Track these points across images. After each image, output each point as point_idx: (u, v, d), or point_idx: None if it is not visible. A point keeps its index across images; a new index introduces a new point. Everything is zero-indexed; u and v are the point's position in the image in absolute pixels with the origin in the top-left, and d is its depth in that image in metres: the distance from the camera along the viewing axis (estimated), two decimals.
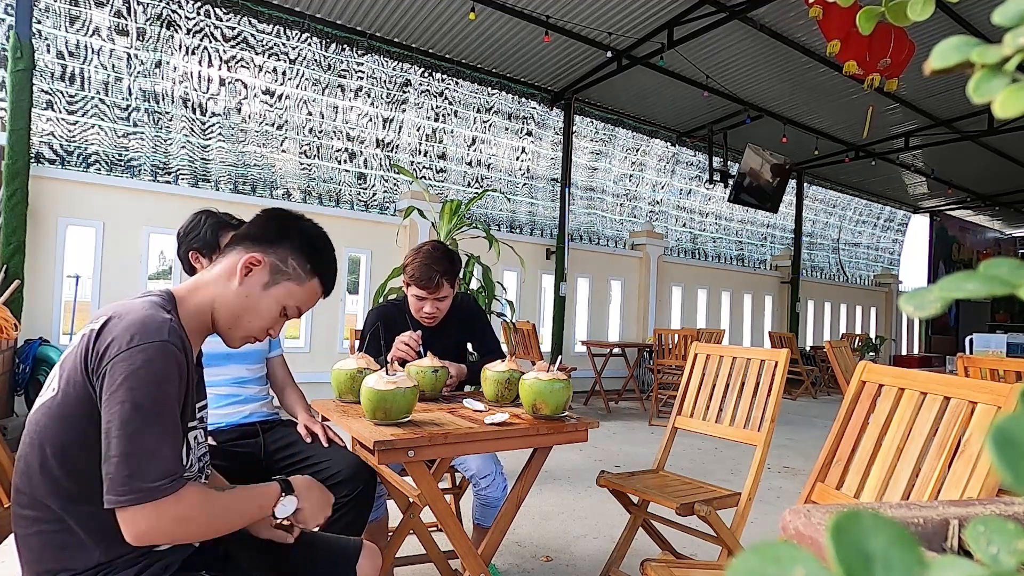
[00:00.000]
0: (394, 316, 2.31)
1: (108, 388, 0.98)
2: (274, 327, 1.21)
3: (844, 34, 4.68)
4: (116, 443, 0.96)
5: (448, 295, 2.21)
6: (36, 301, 4.81)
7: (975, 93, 0.31)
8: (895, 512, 0.52)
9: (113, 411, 0.96)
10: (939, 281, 0.29)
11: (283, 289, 1.18)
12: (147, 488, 0.95)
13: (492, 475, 2.17)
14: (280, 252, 1.18)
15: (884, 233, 13.68)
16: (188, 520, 0.99)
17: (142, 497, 0.95)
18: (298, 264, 1.19)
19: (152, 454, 0.97)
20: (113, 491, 0.95)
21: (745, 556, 0.24)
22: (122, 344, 0.99)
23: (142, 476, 0.95)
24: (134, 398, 0.97)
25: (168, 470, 0.98)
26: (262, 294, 1.16)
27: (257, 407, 2.04)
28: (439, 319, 2.24)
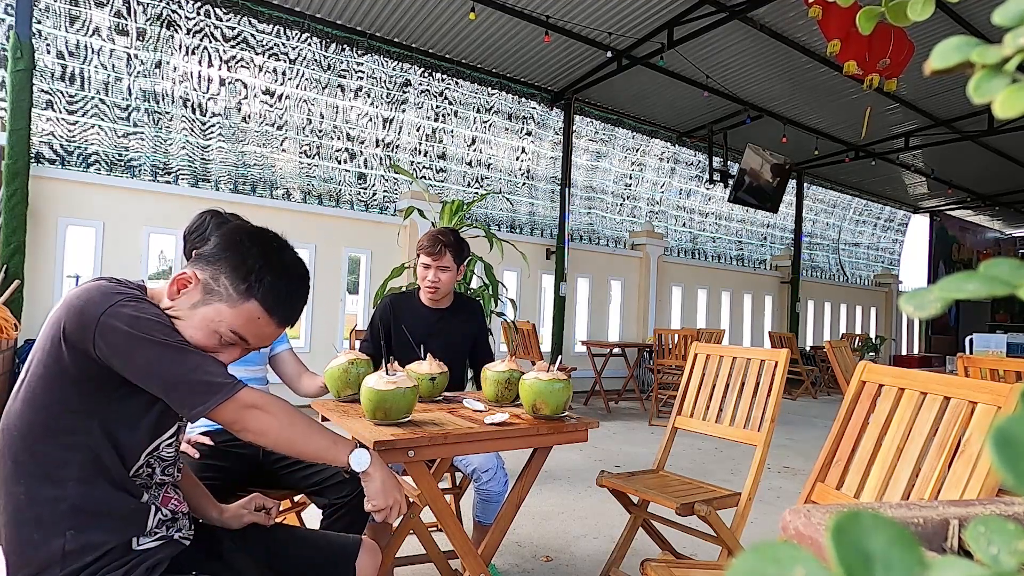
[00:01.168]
0: (405, 303, 2.47)
1: (112, 347, 0.99)
2: (218, 352, 1.09)
3: (844, 34, 4.68)
4: (167, 372, 1.00)
5: (450, 267, 2.35)
6: (36, 301, 4.81)
7: (975, 93, 0.31)
8: (895, 512, 0.52)
9: (138, 357, 1.00)
10: (939, 281, 0.29)
11: (212, 311, 1.07)
12: (221, 386, 1.03)
13: (493, 469, 2.18)
14: (214, 270, 1.08)
15: (884, 233, 13.69)
16: (275, 413, 1.07)
17: (229, 391, 1.03)
18: (232, 285, 1.07)
19: (203, 359, 1.04)
20: (199, 401, 1.01)
21: (745, 556, 0.24)
22: (98, 311, 0.99)
23: (213, 375, 1.03)
24: (148, 338, 1.00)
25: (223, 368, 1.06)
26: (191, 313, 1.08)
27: None
28: (442, 291, 2.37)
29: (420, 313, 2.44)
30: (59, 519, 1.01)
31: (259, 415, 1.06)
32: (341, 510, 1.77)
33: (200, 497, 1.35)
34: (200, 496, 1.35)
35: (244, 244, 1.10)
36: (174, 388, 1.01)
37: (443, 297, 2.44)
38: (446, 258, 2.34)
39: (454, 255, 2.36)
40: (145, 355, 1.00)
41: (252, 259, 1.09)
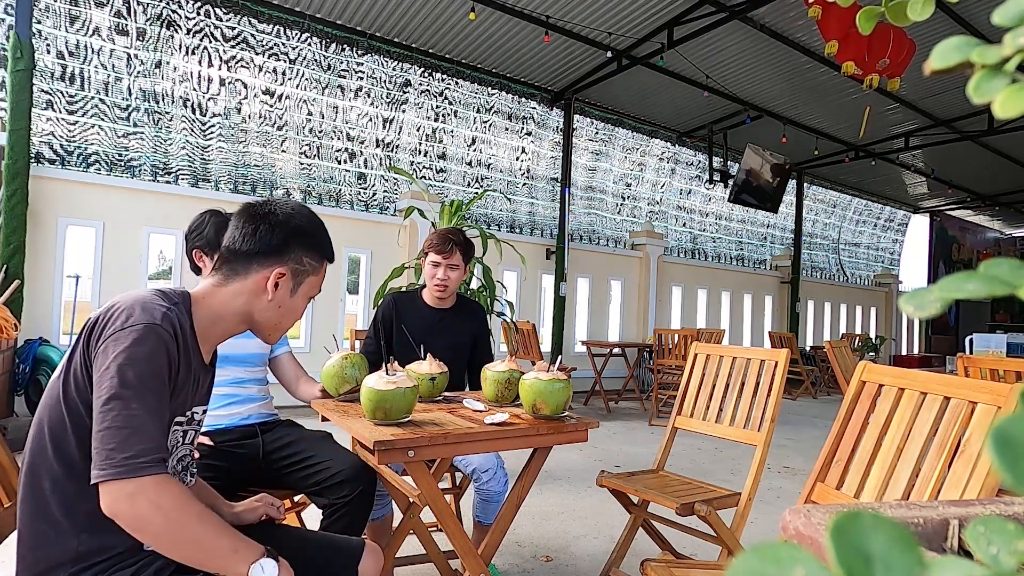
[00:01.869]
0: (407, 302, 2.47)
1: (100, 366, 1.01)
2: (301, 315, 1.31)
3: (843, 34, 4.68)
4: (103, 417, 0.97)
5: (459, 266, 2.36)
6: (36, 301, 4.81)
7: (975, 93, 0.31)
8: (895, 512, 0.52)
9: (103, 387, 0.99)
10: (939, 281, 0.29)
11: (307, 286, 1.26)
12: (129, 460, 0.95)
13: (493, 469, 2.18)
14: (294, 256, 1.22)
15: (884, 233, 13.69)
16: (163, 511, 0.96)
17: (124, 472, 0.94)
18: (311, 259, 1.25)
19: (137, 429, 0.97)
20: (98, 465, 0.96)
21: (745, 556, 0.24)
22: (116, 325, 1.03)
23: (125, 449, 0.95)
24: (122, 375, 0.99)
25: (151, 447, 0.97)
26: (294, 299, 1.24)
27: (256, 408, 2.04)
28: (450, 290, 2.38)
29: (422, 313, 2.44)
30: (76, 519, 1.02)
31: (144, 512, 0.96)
32: (341, 510, 1.77)
33: (210, 497, 1.37)
34: (210, 496, 1.37)
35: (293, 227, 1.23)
36: (96, 436, 0.97)
37: (448, 297, 2.45)
38: (456, 256, 2.35)
39: (463, 254, 2.37)
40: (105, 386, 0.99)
41: (309, 233, 1.25)
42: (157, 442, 0.99)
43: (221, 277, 1.20)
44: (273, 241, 1.20)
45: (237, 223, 1.22)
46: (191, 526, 0.98)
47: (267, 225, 1.20)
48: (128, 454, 0.95)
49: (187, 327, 1.12)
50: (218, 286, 1.19)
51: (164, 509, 0.96)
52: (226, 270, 1.20)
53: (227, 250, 1.21)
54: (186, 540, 0.99)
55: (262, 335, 1.26)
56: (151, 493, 0.96)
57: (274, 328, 1.25)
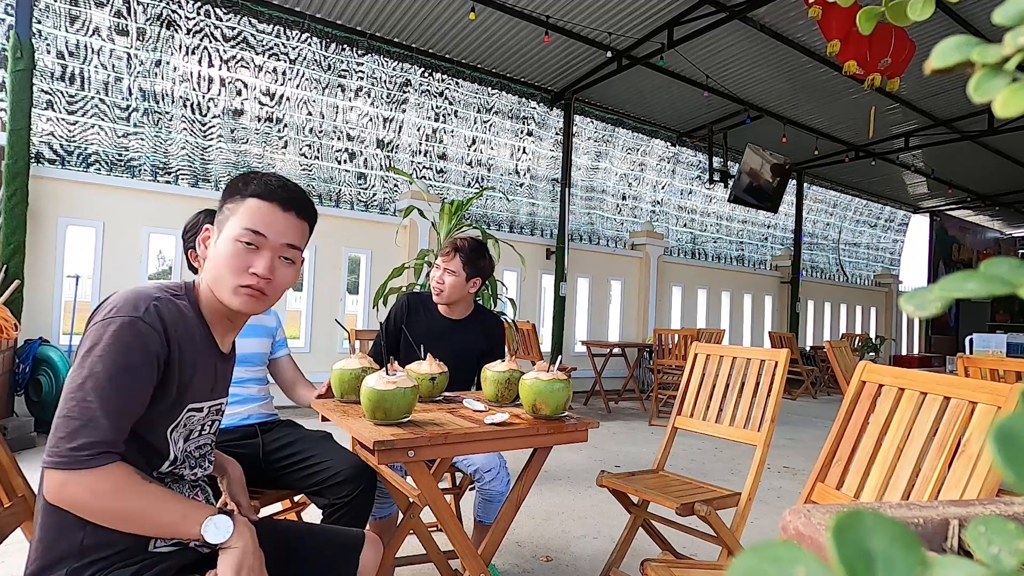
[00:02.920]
0: (420, 305, 2.46)
1: (76, 354, 1.02)
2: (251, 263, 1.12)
3: (844, 34, 4.68)
4: (63, 404, 0.98)
5: (456, 272, 2.33)
6: (36, 301, 4.81)
7: (975, 93, 0.31)
8: (895, 512, 0.52)
9: (72, 374, 1.00)
10: (939, 281, 0.29)
11: (229, 227, 1.14)
12: (69, 453, 0.95)
13: (496, 468, 2.18)
14: (220, 211, 1.19)
15: (884, 233, 13.69)
16: (96, 494, 0.97)
17: (65, 463, 0.95)
18: (231, 202, 1.16)
19: (89, 422, 0.97)
20: (47, 451, 0.97)
21: (745, 556, 0.24)
22: (99, 316, 1.03)
23: (69, 440, 0.96)
24: (92, 365, 0.99)
25: (97, 440, 0.97)
26: (217, 246, 1.15)
27: (256, 408, 2.05)
28: (445, 295, 2.35)
29: (432, 318, 2.41)
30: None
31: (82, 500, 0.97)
32: (341, 510, 1.77)
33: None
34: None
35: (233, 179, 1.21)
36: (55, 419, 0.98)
37: (452, 305, 2.39)
38: (454, 261, 2.32)
39: (464, 261, 2.32)
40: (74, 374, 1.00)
41: (237, 179, 1.19)
42: (108, 434, 0.98)
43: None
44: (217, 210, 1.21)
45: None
46: (131, 501, 0.99)
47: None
48: (73, 445, 0.95)
49: (191, 317, 1.13)
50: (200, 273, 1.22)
51: (99, 494, 0.97)
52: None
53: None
54: (130, 514, 1.00)
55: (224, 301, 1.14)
56: (88, 482, 0.96)
57: (217, 286, 1.13)
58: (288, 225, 1.17)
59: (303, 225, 1.20)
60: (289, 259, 1.17)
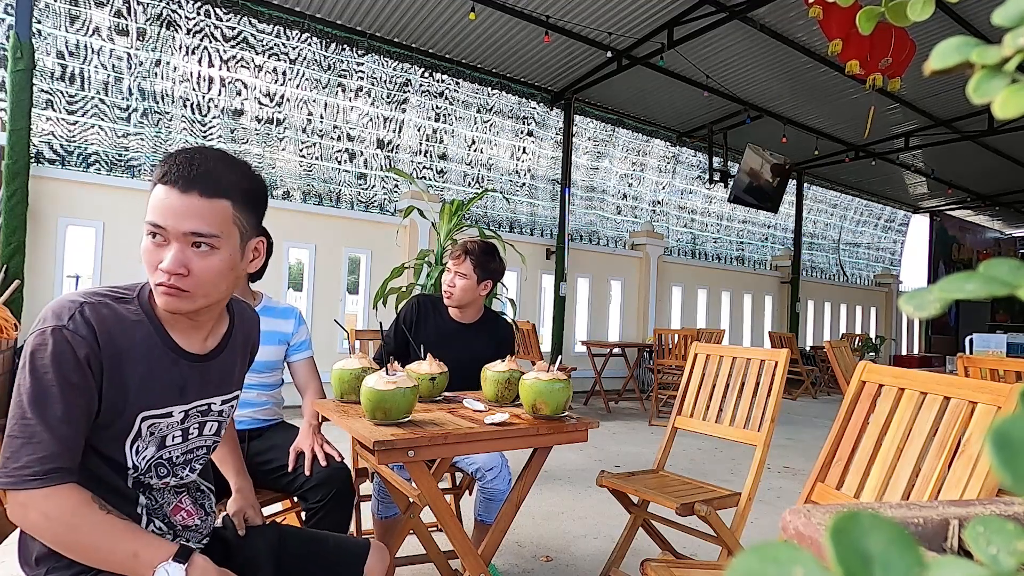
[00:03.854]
0: (430, 308, 2.44)
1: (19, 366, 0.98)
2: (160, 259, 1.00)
3: (845, 34, 4.68)
4: (6, 424, 0.96)
5: (468, 275, 2.31)
6: (36, 301, 4.81)
7: (975, 93, 0.31)
8: (895, 512, 0.52)
9: (12, 391, 0.97)
10: (939, 281, 0.29)
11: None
12: (17, 471, 0.93)
13: (498, 467, 2.18)
14: None
15: (885, 233, 13.69)
16: (53, 521, 0.94)
17: (12, 483, 0.93)
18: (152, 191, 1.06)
19: (29, 439, 0.94)
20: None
21: (745, 556, 0.24)
22: (35, 327, 0.99)
23: (17, 459, 0.93)
24: (23, 382, 0.96)
25: (43, 455, 0.93)
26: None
27: (251, 413, 2.03)
28: (456, 298, 2.34)
29: (442, 322, 2.39)
30: None
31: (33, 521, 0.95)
32: (319, 513, 1.78)
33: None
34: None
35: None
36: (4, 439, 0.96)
37: (463, 308, 2.37)
38: (465, 264, 2.31)
39: (474, 264, 2.31)
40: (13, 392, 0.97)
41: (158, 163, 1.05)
42: (52, 451, 0.94)
43: None
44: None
45: None
46: (83, 534, 0.96)
47: None
48: (18, 464, 0.93)
49: (135, 319, 1.05)
50: None
51: (52, 519, 0.94)
52: None
53: None
54: (81, 547, 0.97)
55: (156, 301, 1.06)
56: (40, 504, 0.93)
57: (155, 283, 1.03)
58: (188, 209, 1.00)
59: (213, 204, 1.01)
60: (207, 246, 1.01)
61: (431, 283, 4.25)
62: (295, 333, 2.13)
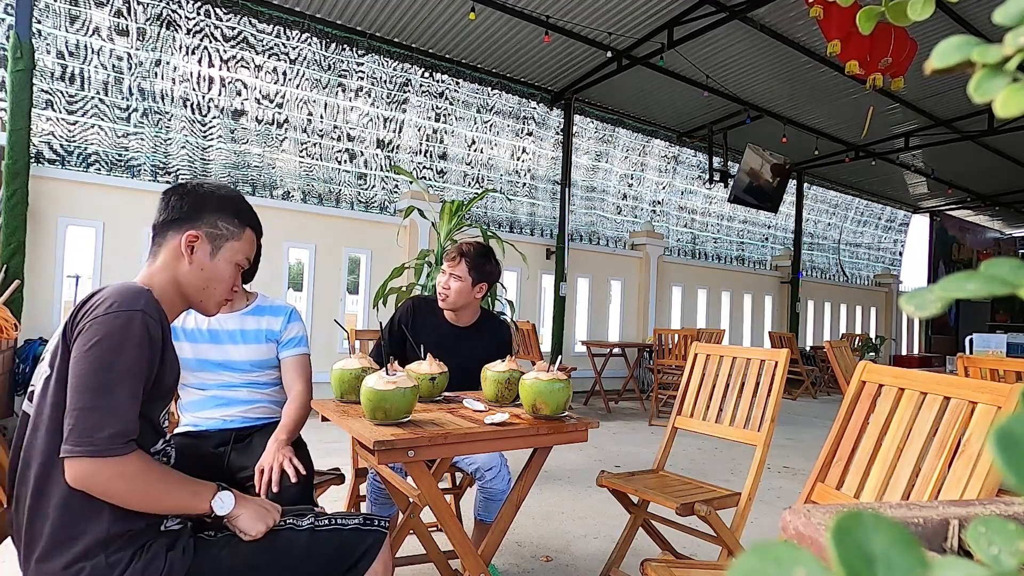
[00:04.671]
0: (426, 311, 2.42)
1: (80, 346, 1.06)
2: (235, 284, 1.34)
3: (845, 34, 4.68)
4: (80, 397, 1.03)
5: (462, 278, 2.30)
6: (36, 301, 4.81)
7: (976, 93, 0.31)
8: (895, 512, 0.52)
9: (83, 368, 1.05)
10: (940, 281, 0.29)
11: (228, 251, 1.30)
12: (99, 442, 1.02)
13: (498, 467, 2.18)
14: (208, 220, 1.28)
15: (885, 233, 13.69)
16: (125, 478, 1.05)
17: (93, 451, 1.02)
18: (227, 224, 1.30)
19: (111, 412, 1.04)
20: (71, 440, 1.02)
21: (745, 556, 0.24)
22: (100, 309, 1.08)
23: (98, 430, 1.03)
24: (104, 358, 1.05)
25: (122, 430, 1.05)
26: (214, 263, 1.28)
27: (241, 411, 2.00)
28: (450, 301, 2.32)
29: (440, 327, 2.36)
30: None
31: (113, 485, 1.05)
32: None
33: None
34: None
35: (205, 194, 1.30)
36: (72, 412, 1.03)
37: (459, 311, 2.35)
38: (460, 267, 2.29)
39: (469, 266, 2.29)
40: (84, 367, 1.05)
41: (220, 198, 1.31)
42: (129, 425, 1.06)
43: (152, 256, 1.27)
44: (183, 207, 1.27)
45: (158, 204, 1.29)
46: (154, 487, 1.10)
47: (176, 196, 1.28)
48: (102, 435, 1.03)
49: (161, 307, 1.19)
50: (151, 265, 1.26)
51: (130, 480, 1.06)
52: (154, 247, 1.27)
53: (152, 228, 1.29)
54: (153, 500, 1.11)
55: (196, 304, 1.29)
56: (119, 468, 1.04)
57: (203, 293, 1.28)
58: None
59: None
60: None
61: (431, 283, 4.25)
62: (284, 330, 2.05)
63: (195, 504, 1.15)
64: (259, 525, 1.19)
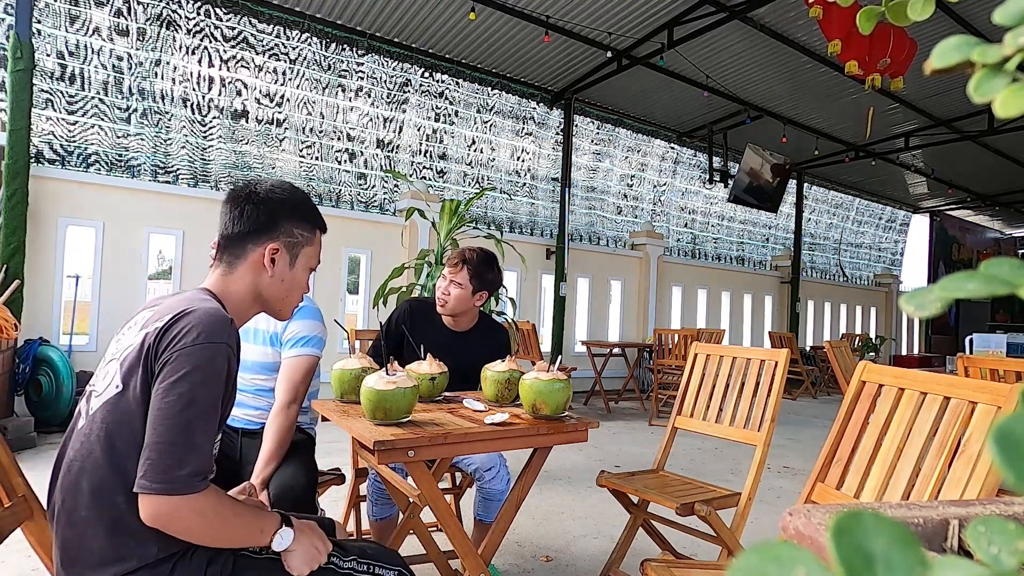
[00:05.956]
0: (424, 314, 2.39)
1: (167, 376, 1.03)
2: (308, 286, 1.39)
3: (845, 34, 4.68)
4: (164, 431, 1.01)
5: (463, 285, 2.27)
6: (36, 301, 4.81)
7: (976, 93, 0.31)
8: (895, 512, 0.52)
9: (168, 400, 1.02)
10: (940, 281, 0.29)
11: (304, 257, 1.32)
12: (179, 480, 1.00)
13: (496, 467, 2.18)
14: (285, 230, 1.28)
15: (886, 233, 13.69)
16: (203, 516, 1.03)
17: (174, 488, 0.99)
18: (302, 230, 1.31)
19: (195, 448, 1.02)
20: (149, 476, 0.99)
21: (746, 556, 0.24)
22: (188, 339, 1.06)
23: (178, 467, 1.00)
24: (192, 392, 1.02)
25: (203, 467, 1.03)
26: (293, 272, 1.30)
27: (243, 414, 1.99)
28: (449, 307, 2.30)
29: (438, 332, 2.34)
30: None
31: (190, 522, 1.03)
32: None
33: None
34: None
35: (279, 203, 1.29)
36: (153, 446, 1.01)
37: (457, 317, 2.33)
38: (461, 273, 2.26)
39: (471, 274, 2.26)
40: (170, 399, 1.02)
41: (293, 205, 1.31)
42: (209, 460, 1.05)
43: (226, 265, 1.25)
44: (260, 219, 1.26)
45: (225, 210, 1.27)
46: (229, 522, 1.08)
47: (251, 205, 1.26)
48: (183, 472, 1.00)
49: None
50: (227, 275, 1.25)
51: (207, 516, 1.03)
52: (228, 257, 1.25)
53: (223, 238, 1.26)
54: (226, 536, 1.09)
55: (273, 311, 1.32)
56: (197, 505, 1.02)
57: (282, 302, 1.31)
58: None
59: None
60: None
61: (431, 283, 4.25)
62: (284, 330, 1.97)
63: (260, 539, 1.12)
64: (306, 569, 1.16)
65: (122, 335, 1.18)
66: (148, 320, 1.12)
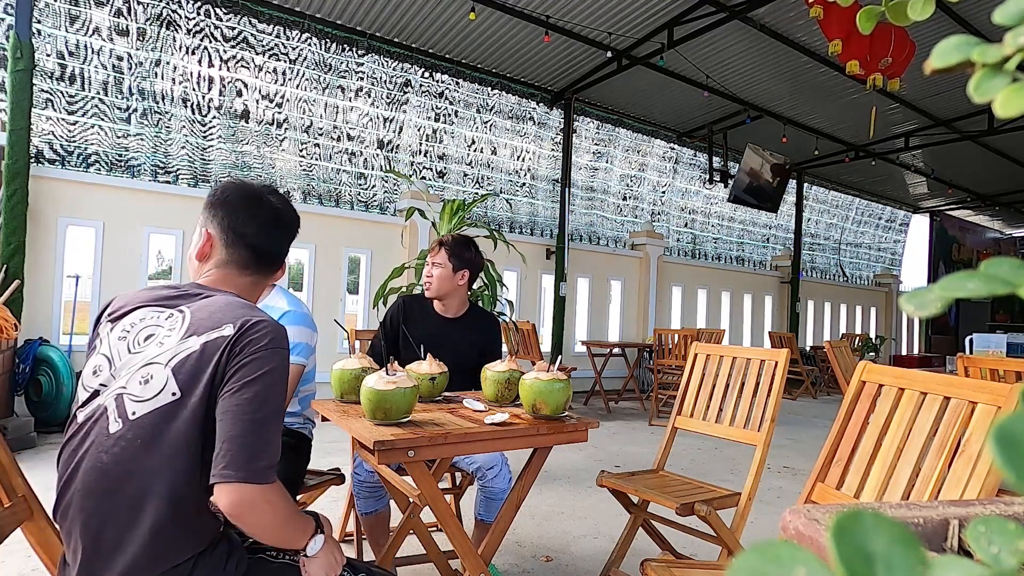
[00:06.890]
0: (416, 307, 2.49)
1: (242, 377, 1.10)
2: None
3: (845, 34, 4.68)
4: (242, 426, 1.07)
5: (443, 265, 2.39)
6: (36, 301, 4.81)
7: (976, 92, 0.31)
8: (895, 512, 0.52)
9: (245, 396, 1.09)
10: (940, 281, 0.29)
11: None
12: (261, 470, 1.06)
13: (498, 466, 2.18)
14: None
15: (886, 233, 13.69)
16: (274, 507, 1.08)
17: (255, 477, 1.05)
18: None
19: (269, 443, 1.09)
20: (232, 467, 1.04)
21: (746, 556, 0.24)
22: (265, 342, 1.14)
23: (259, 458, 1.07)
24: (268, 391, 1.11)
25: (275, 461, 1.10)
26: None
27: None
28: (434, 288, 2.41)
29: (430, 320, 2.44)
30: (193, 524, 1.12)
31: (264, 512, 1.07)
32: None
33: None
34: None
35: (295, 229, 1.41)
36: (231, 439, 1.06)
37: (444, 300, 2.42)
38: (440, 255, 2.39)
39: (449, 254, 2.39)
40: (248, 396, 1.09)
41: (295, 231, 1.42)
42: (278, 454, 1.12)
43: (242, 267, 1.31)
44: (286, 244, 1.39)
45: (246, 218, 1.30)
46: (291, 518, 1.13)
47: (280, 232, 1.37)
48: (263, 463, 1.07)
49: None
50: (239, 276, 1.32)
51: (277, 508, 1.09)
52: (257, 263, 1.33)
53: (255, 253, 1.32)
54: (285, 530, 1.14)
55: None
56: (270, 495, 1.07)
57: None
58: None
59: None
60: None
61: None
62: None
63: (301, 541, 1.17)
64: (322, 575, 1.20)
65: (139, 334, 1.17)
66: (198, 327, 1.15)
